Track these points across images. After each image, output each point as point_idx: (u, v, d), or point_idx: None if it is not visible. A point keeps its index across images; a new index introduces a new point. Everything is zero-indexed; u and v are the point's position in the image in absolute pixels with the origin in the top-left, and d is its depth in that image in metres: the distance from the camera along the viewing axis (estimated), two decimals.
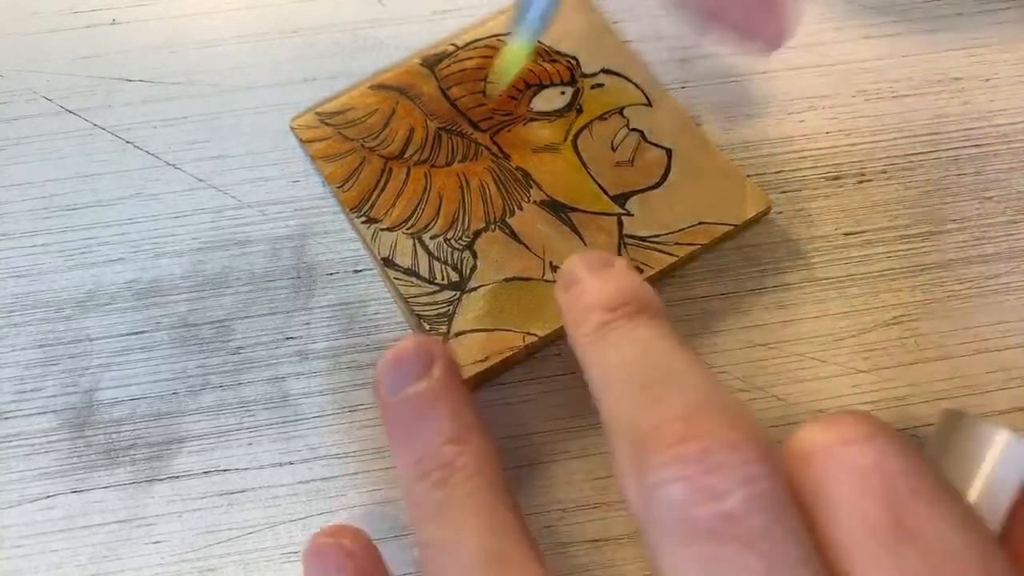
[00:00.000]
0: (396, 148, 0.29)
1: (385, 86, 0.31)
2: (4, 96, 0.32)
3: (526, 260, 0.28)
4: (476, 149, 0.29)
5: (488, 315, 0.27)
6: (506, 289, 0.27)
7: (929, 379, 0.27)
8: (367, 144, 0.30)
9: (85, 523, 0.26)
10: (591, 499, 0.26)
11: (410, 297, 0.27)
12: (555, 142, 0.30)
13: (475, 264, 0.28)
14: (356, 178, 0.29)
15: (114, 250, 0.29)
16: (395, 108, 0.30)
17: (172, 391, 0.27)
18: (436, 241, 0.28)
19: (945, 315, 0.28)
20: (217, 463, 0.26)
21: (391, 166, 0.29)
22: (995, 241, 0.29)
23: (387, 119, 0.30)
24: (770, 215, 0.29)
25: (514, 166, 0.29)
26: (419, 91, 0.30)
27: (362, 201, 0.29)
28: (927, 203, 0.30)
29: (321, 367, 0.27)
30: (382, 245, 0.28)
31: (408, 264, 0.28)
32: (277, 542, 0.25)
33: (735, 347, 0.28)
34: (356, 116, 0.30)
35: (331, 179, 0.29)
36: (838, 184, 0.30)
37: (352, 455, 0.26)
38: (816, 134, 0.31)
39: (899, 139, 0.31)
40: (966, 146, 0.31)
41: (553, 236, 0.28)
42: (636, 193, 0.29)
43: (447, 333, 0.27)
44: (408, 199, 0.29)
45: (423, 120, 0.30)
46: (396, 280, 0.27)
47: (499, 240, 0.28)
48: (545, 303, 0.27)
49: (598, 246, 0.28)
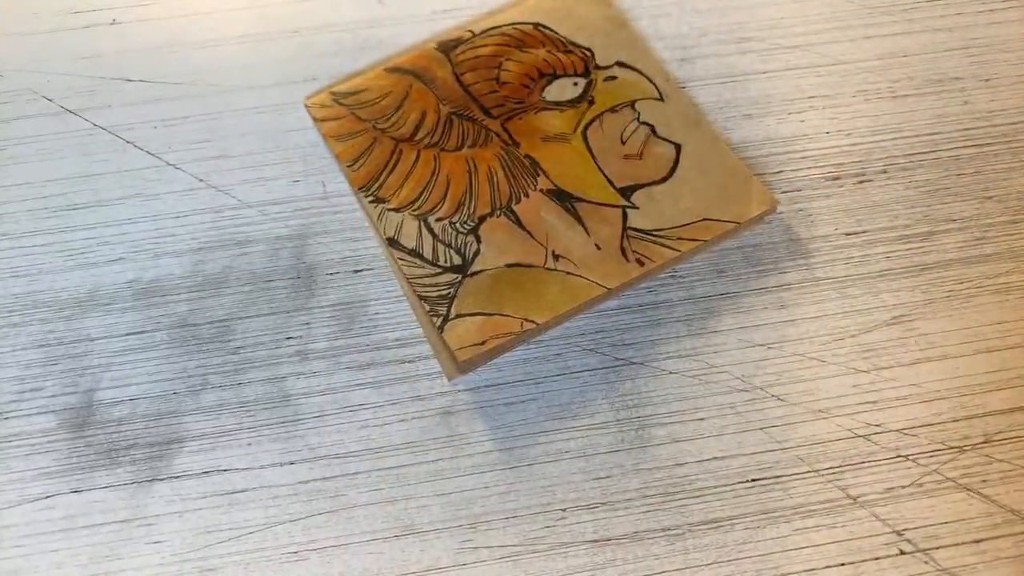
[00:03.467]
0: (407, 130, 0.30)
1: (400, 69, 0.31)
2: (4, 96, 0.32)
3: (529, 247, 0.28)
4: (486, 135, 0.30)
5: (488, 299, 0.27)
6: (507, 275, 0.27)
7: (929, 379, 0.27)
8: (379, 125, 0.30)
9: (85, 523, 0.26)
10: (591, 499, 0.26)
11: (413, 278, 0.27)
12: (565, 132, 0.30)
13: (478, 248, 0.28)
14: (366, 158, 0.29)
15: (114, 250, 0.29)
16: (408, 91, 0.30)
17: (172, 391, 0.27)
18: (441, 224, 0.28)
19: (945, 315, 0.28)
20: (217, 463, 0.26)
21: (402, 148, 0.29)
22: (995, 241, 0.29)
23: (400, 101, 0.30)
24: (770, 215, 0.29)
25: (523, 154, 0.29)
26: (433, 75, 0.31)
27: (371, 181, 0.29)
28: (927, 203, 0.30)
29: (321, 367, 0.27)
30: (388, 225, 0.28)
31: (412, 245, 0.28)
32: (277, 542, 0.25)
33: (735, 347, 0.28)
34: (370, 97, 0.30)
35: (342, 157, 0.29)
36: (838, 184, 0.30)
37: (352, 455, 0.26)
38: (816, 134, 0.31)
39: (899, 139, 0.31)
40: (966, 146, 0.31)
41: (557, 225, 0.28)
42: (643, 187, 0.29)
43: (446, 315, 0.27)
44: (416, 181, 0.29)
45: (436, 104, 0.30)
46: (400, 260, 0.28)
47: (503, 226, 0.28)
48: (545, 290, 0.27)
49: (601, 237, 0.28)
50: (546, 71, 0.31)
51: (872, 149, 0.31)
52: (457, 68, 0.31)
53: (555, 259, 0.28)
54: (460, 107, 0.30)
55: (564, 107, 0.30)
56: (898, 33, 0.33)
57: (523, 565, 0.25)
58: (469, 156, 0.29)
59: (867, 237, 0.29)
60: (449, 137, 0.30)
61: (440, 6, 0.33)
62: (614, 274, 0.27)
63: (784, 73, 0.32)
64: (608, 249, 0.28)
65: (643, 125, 0.30)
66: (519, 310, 0.27)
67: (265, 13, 0.33)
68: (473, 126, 0.30)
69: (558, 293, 0.27)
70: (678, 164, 0.29)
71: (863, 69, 0.32)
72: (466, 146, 0.29)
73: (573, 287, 0.27)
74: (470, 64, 0.31)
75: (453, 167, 0.29)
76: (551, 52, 0.31)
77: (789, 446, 0.26)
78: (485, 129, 0.30)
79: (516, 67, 0.31)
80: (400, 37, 0.33)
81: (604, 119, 0.30)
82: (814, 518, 0.26)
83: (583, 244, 0.28)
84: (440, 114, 0.30)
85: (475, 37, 0.31)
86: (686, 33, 0.33)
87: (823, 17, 0.33)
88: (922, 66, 0.32)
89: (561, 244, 0.28)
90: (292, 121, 0.31)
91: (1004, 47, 0.33)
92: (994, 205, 0.30)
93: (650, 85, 0.31)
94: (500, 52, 0.31)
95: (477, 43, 0.31)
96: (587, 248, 0.28)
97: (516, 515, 0.26)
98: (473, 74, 0.31)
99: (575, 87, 0.31)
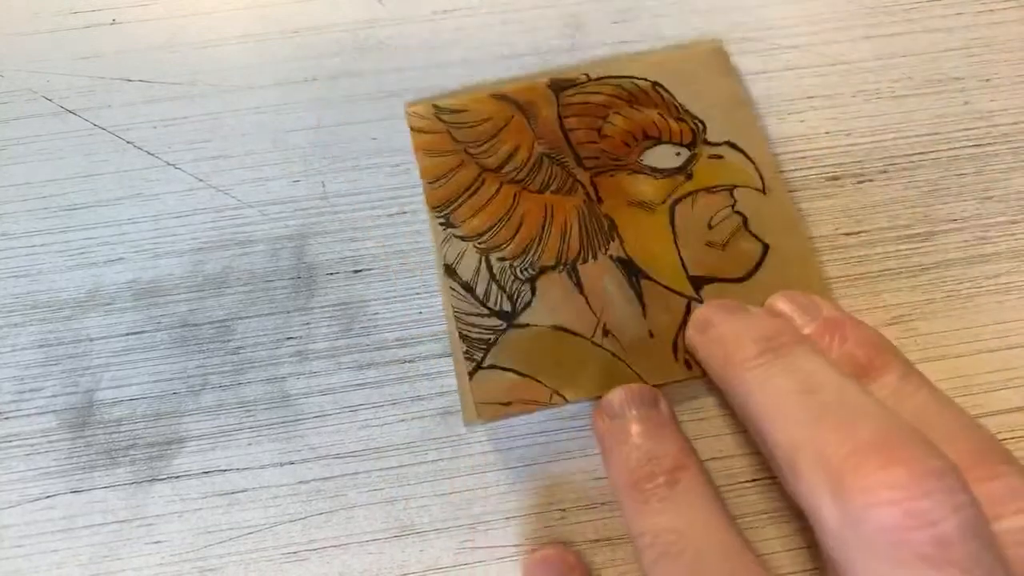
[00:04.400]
0: (496, 161, 0.29)
1: (506, 97, 0.30)
2: (4, 96, 0.32)
3: (581, 313, 0.26)
4: (573, 184, 0.28)
5: (527, 360, 0.26)
6: (551, 337, 0.26)
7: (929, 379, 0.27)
8: (471, 150, 0.29)
9: (85, 523, 0.26)
10: (591, 499, 0.26)
11: (458, 312, 0.27)
12: (653, 200, 0.28)
13: (531, 301, 0.27)
14: (449, 179, 0.29)
15: (114, 250, 0.29)
16: (509, 122, 0.30)
17: (172, 391, 0.27)
18: (502, 265, 0.27)
19: (945, 315, 0.28)
20: (217, 463, 0.26)
21: (485, 177, 0.29)
22: (995, 241, 0.29)
23: (498, 130, 0.29)
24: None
25: (604, 212, 0.28)
26: (537, 112, 0.30)
27: (446, 203, 0.28)
28: (927, 203, 0.30)
29: (321, 367, 0.27)
30: (450, 251, 0.28)
31: (468, 278, 0.27)
32: (277, 542, 0.25)
33: None
34: (470, 119, 0.30)
35: (425, 173, 0.29)
36: (838, 184, 0.30)
37: (352, 455, 0.26)
38: (816, 134, 0.31)
39: (899, 139, 0.31)
40: (966, 146, 0.31)
41: (616, 298, 0.27)
42: (717, 281, 0.27)
43: (480, 361, 0.26)
44: (490, 214, 0.28)
45: (531, 141, 0.29)
46: (451, 290, 0.27)
47: (562, 284, 0.27)
48: (584, 368, 0.26)
49: (658, 325, 0.26)
50: (652, 133, 0.29)
51: (872, 149, 0.31)
52: (563, 110, 0.30)
53: (604, 334, 0.26)
54: (554, 150, 0.29)
55: (659, 175, 0.29)
56: (898, 33, 0.33)
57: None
58: (549, 202, 0.28)
59: (867, 237, 0.29)
60: (535, 177, 0.28)
61: (440, 6, 0.33)
62: (659, 370, 0.26)
63: (784, 73, 0.32)
64: (661, 340, 0.26)
65: (736, 214, 0.28)
66: (553, 380, 0.26)
67: (265, 13, 0.33)
68: (562, 171, 0.29)
69: (596, 374, 0.25)
70: (760, 266, 0.27)
71: (863, 69, 0.32)
72: (549, 190, 0.28)
73: (613, 372, 0.26)
74: (577, 109, 0.30)
75: (530, 209, 0.28)
76: (662, 116, 0.29)
77: None
78: (573, 178, 0.28)
79: (622, 122, 0.29)
80: (400, 37, 0.33)
81: (697, 197, 0.28)
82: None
83: (637, 326, 0.26)
84: (532, 152, 0.29)
85: (589, 82, 0.30)
86: (686, 33, 0.33)
87: (823, 17, 0.33)
88: (922, 66, 0.32)
89: (614, 320, 0.26)
90: (292, 121, 0.31)
91: (1004, 47, 0.33)
92: (994, 205, 0.30)
93: (755, 174, 0.29)
94: (610, 103, 0.30)
95: (590, 88, 0.30)
96: (640, 332, 0.26)
97: (516, 515, 0.26)
98: (577, 119, 0.29)
99: (677, 156, 0.29)
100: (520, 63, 0.32)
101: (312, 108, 0.31)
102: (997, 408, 0.27)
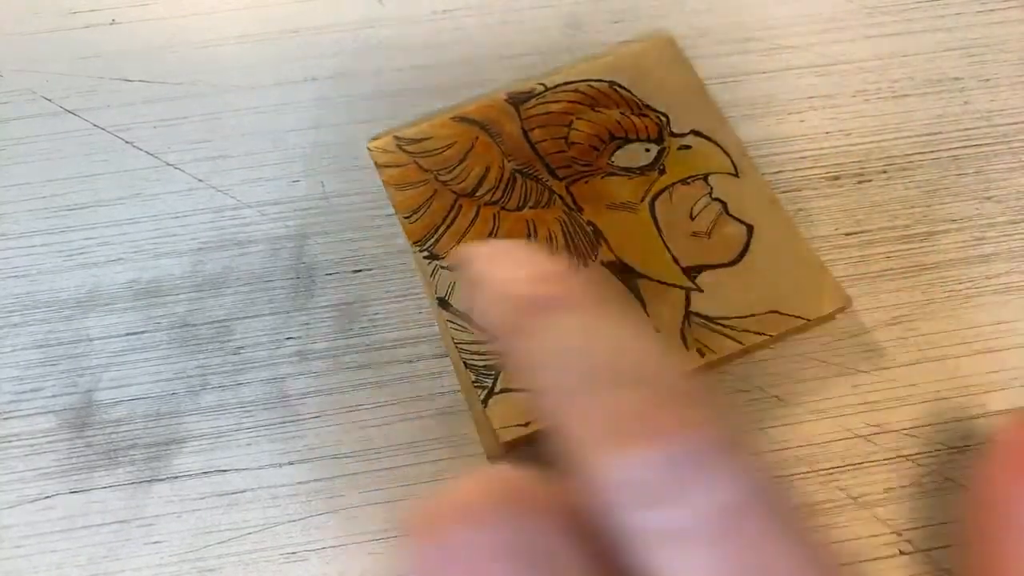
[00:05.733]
0: (469, 185, 0.28)
1: (467, 119, 0.30)
2: (4, 96, 0.32)
3: None
4: (550, 196, 0.28)
5: None
6: None
7: (929, 379, 0.27)
8: (441, 177, 0.29)
9: (85, 523, 0.26)
10: None
11: (460, 343, 0.26)
12: (632, 201, 0.28)
13: None
14: (425, 211, 0.28)
15: (114, 250, 0.29)
16: (474, 143, 0.29)
17: (172, 391, 0.27)
18: None
19: (945, 315, 0.28)
20: (217, 463, 0.26)
21: (461, 203, 0.28)
22: (995, 241, 0.29)
23: (464, 154, 0.29)
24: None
25: (586, 220, 0.28)
26: (501, 128, 0.29)
27: (426, 236, 0.28)
28: (927, 203, 0.30)
29: (321, 367, 0.27)
30: (440, 284, 0.27)
31: (463, 308, 0.27)
32: (277, 542, 0.25)
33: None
34: (434, 146, 0.29)
35: (400, 208, 0.28)
36: (838, 184, 0.30)
37: (352, 455, 0.26)
38: (816, 134, 0.31)
39: (899, 139, 0.31)
40: (966, 146, 0.31)
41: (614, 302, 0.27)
42: (709, 268, 0.27)
43: (491, 388, 0.26)
44: (473, 240, 0.28)
45: (500, 159, 0.29)
46: (449, 323, 0.27)
47: None
48: None
49: (661, 319, 0.26)
50: (618, 133, 0.29)
51: (872, 149, 0.31)
52: (526, 123, 0.29)
53: None
54: (525, 165, 0.29)
55: (633, 174, 0.29)
56: (898, 33, 0.33)
57: None
58: (530, 218, 0.28)
59: (867, 237, 0.29)
60: (511, 195, 0.28)
61: (440, 6, 0.33)
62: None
63: (784, 73, 0.32)
64: (667, 334, 0.26)
65: (715, 201, 0.28)
66: None
67: (265, 13, 0.33)
68: (537, 185, 0.28)
69: None
70: (748, 247, 0.27)
71: (863, 69, 0.32)
72: (528, 207, 0.28)
73: None
74: (540, 120, 0.29)
75: (512, 229, 0.28)
76: (625, 114, 0.29)
77: (789, 446, 0.26)
78: (549, 190, 0.28)
79: (587, 127, 0.29)
80: (400, 37, 0.33)
81: (675, 191, 0.28)
82: (814, 518, 0.26)
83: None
84: (504, 170, 0.29)
85: (547, 91, 0.30)
86: (686, 33, 0.33)
87: (823, 17, 0.33)
88: (922, 66, 0.32)
89: None
90: (292, 121, 0.31)
91: (1004, 47, 0.33)
92: (994, 205, 0.30)
93: (725, 158, 0.29)
94: (571, 110, 0.29)
95: (549, 98, 0.30)
96: None
97: None
98: (542, 131, 0.29)
99: (647, 153, 0.29)
100: (520, 63, 0.32)
101: (312, 108, 0.31)
102: (997, 408, 0.27)
